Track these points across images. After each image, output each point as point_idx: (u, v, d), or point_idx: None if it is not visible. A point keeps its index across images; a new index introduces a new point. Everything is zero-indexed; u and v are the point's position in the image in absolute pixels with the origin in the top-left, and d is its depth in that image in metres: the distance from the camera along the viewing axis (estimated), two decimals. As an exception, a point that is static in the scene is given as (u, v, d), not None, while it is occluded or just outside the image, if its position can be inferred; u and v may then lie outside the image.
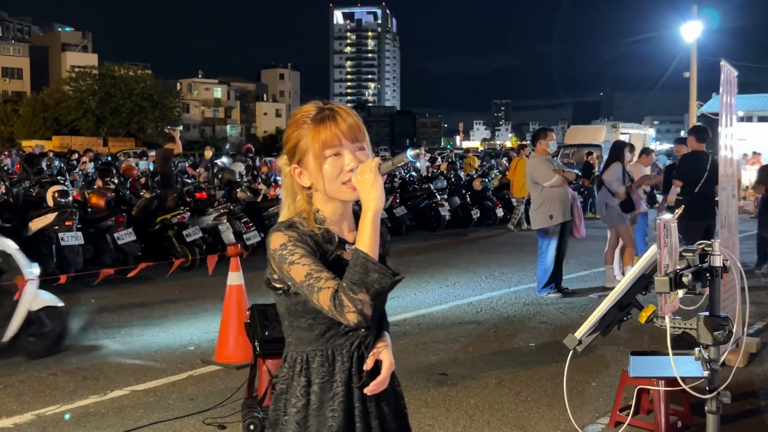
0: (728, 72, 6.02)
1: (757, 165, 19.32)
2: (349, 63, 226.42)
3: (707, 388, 1.89)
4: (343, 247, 1.89)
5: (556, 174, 8.30)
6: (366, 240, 1.75)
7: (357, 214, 1.94)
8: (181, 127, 14.20)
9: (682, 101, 32.90)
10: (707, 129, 8.70)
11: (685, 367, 3.23)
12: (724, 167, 6.07)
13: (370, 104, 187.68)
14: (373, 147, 2.32)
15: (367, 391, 1.86)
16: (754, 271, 9.30)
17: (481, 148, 63.43)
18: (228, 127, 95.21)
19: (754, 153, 20.93)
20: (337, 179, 1.85)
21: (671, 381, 4.21)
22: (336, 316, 1.75)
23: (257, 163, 20.77)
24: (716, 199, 8.78)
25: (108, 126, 62.21)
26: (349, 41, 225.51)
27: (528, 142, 17.85)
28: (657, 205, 9.90)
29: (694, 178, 7.95)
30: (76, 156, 25.15)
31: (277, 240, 1.84)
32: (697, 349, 1.87)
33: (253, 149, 24.21)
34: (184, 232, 10.41)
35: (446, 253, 11.68)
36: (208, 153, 22.66)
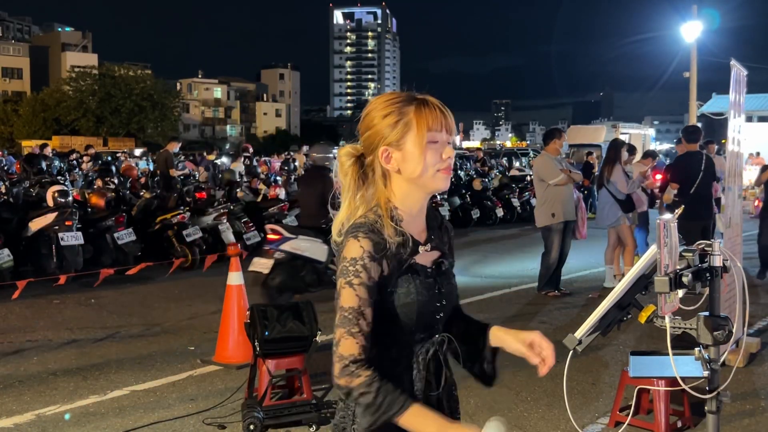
0: (738, 71, 6.01)
1: (760, 165, 19.32)
2: (349, 63, 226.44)
3: (707, 388, 1.89)
4: (417, 250, 1.80)
5: (563, 173, 8.31)
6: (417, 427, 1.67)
7: (431, 213, 1.88)
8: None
9: (682, 101, 32.89)
10: (698, 129, 8.71)
11: (685, 367, 3.22)
12: (731, 162, 6.06)
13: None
14: None
15: (543, 372, 1.78)
16: (753, 279, 9.28)
17: (480, 148, 63.39)
18: (228, 127, 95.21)
19: (758, 153, 20.96)
20: (434, 166, 1.76)
21: (671, 381, 4.21)
22: (334, 368, 1.69)
23: (254, 162, 20.69)
24: (714, 198, 8.81)
25: (108, 126, 62.20)
26: (349, 41, 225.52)
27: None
28: (656, 206, 9.92)
29: (689, 179, 7.96)
30: (75, 156, 25.16)
31: (353, 249, 1.71)
32: (697, 349, 1.87)
33: (250, 149, 24.17)
34: (184, 232, 10.41)
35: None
36: (212, 156, 22.79)
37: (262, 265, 7.54)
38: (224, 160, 25.29)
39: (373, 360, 1.77)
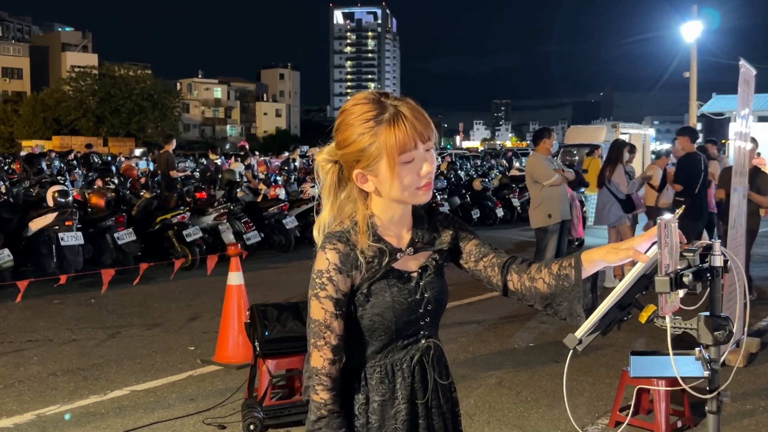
0: (747, 71, 6.01)
1: (761, 165, 19.24)
2: (349, 63, 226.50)
3: (707, 388, 1.89)
4: (395, 257, 1.75)
5: (557, 173, 8.29)
6: None
7: (416, 213, 1.82)
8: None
9: (682, 101, 32.92)
10: (696, 130, 8.76)
11: (685, 367, 3.23)
12: (737, 160, 6.04)
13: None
14: None
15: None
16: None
17: (481, 148, 63.54)
18: (228, 127, 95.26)
19: (758, 154, 20.89)
20: (413, 185, 1.69)
21: (671, 381, 4.21)
22: (305, 380, 1.73)
23: (252, 161, 20.62)
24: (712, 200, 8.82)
25: (108, 126, 62.24)
26: (349, 41, 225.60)
27: (600, 144, 17.82)
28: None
29: (694, 179, 7.97)
30: (72, 156, 25.22)
31: (320, 261, 1.70)
32: (697, 349, 1.87)
33: (246, 147, 24.01)
34: (184, 232, 10.41)
35: (446, 253, 11.59)
36: (215, 157, 22.86)
37: None
38: (224, 159, 25.33)
39: (354, 370, 1.77)
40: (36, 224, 9.27)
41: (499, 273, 1.87)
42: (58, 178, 14.91)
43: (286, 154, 30.65)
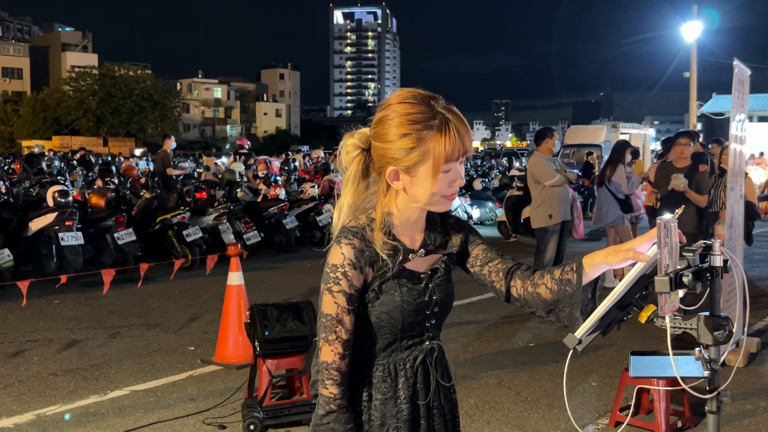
0: (741, 71, 5.99)
1: (762, 165, 19.23)
2: (349, 63, 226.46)
3: (707, 388, 1.89)
4: (408, 258, 1.77)
5: (558, 173, 8.27)
6: None
7: (430, 216, 1.83)
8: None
9: (682, 101, 32.92)
10: (695, 132, 8.79)
11: (685, 367, 3.22)
12: (733, 161, 6.02)
13: (370, 104, 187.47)
14: None
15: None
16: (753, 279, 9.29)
17: (481, 148, 63.61)
18: (228, 127, 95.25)
19: (761, 153, 20.88)
20: (441, 192, 1.71)
21: (671, 381, 4.21)
22: (313, 374, 1.76)
23: (251, 161, 20.53)
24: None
25: (108, 126, 62.26)
26: (349, 41, 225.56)
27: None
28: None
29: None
30: (77, 156, 25.28)
31: (335, 256, 1.70)
32: (697, 349, 1.86)
33: (245, 145, 23.89)
34: (184, 232, 10.41)
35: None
36: (210, 160, 22.90)
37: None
38: (224, 160, 25.33)
39: (358, 367, 1.78)
40: (36, 224, 9.28)
41: (503, 279, 1.88)
42: (58, 178, 14.93)
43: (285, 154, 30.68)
